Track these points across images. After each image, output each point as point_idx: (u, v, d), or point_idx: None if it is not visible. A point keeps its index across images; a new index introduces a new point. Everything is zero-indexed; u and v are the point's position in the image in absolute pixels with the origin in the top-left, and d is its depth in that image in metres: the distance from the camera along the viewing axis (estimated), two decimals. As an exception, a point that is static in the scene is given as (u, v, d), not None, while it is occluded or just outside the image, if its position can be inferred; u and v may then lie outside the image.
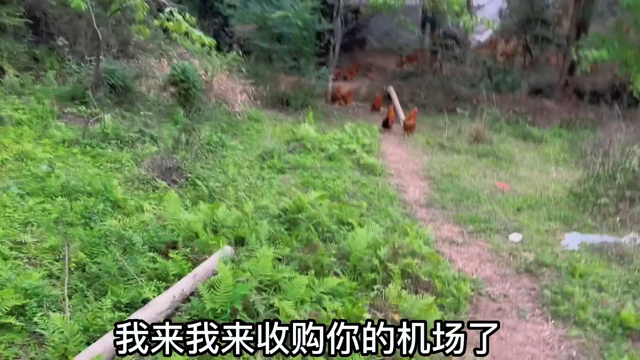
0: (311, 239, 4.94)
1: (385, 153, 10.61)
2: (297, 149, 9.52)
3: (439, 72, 17.56)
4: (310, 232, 5.18)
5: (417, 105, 15.93)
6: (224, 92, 12.27)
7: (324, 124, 12.87)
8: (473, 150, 11.10)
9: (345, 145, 9.73)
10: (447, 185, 8.58)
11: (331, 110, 14.57)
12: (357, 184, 8.06)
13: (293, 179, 7.87)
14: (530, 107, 15.13)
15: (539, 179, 9.61)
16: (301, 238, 5.11)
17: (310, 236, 5.02)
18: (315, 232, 5.36)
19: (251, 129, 11.12)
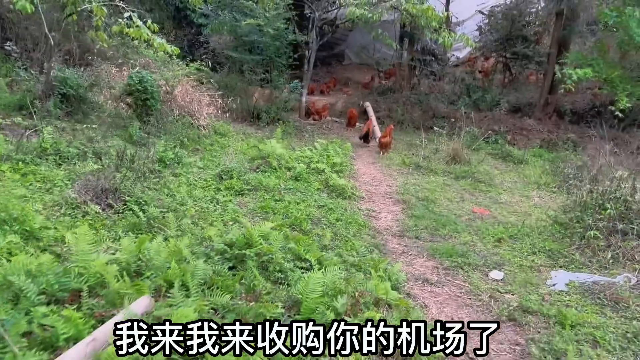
0: (255, 285, 4.03)
1: (357, 173, 9.76)
2: (262, 167, 8.63)
3: (417, 88, 16.86)
4: (258, 273, 4.28)
5: (394, 121, 15.19)
6: (189, 104, 11.37)
7: (295, 140, 12.02)
8: (450, 171, 10.31)
9: (314, 164, 8.86)
10: (422, 211, 7.75)
11: (304, 125, 13.72)
12: (323, 208, 7.19)
13: (252, 203, 6.96)
14: (510, 126, 14.45)
15: (520, 204, 8.84)
16: (246, 281, 4.21)
17: (254, 281, 4.11)
18: (265, 272, 4.47)
19: (215, 144, 10.21)
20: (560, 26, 14.81)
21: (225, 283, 4.04)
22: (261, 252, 4.67)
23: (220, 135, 11.11)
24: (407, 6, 11.31)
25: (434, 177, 9.95)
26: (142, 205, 5.72)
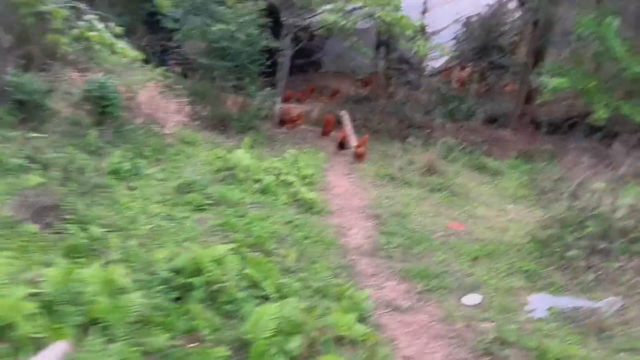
0: (197, 326, 3.48)
1: (329, 185, 9.26)
2: (227, 179, 8.07)
3: (394, 98, 16.45)
4: (204, 307, 3.74)
5: (369, 131, 14.71)
6: (155, 111, 10.76)
7: (266, 150, 11.47)
8: (426, 183, 9.87)
9: (283, 175, 8.33)
10: (395, 227, 7.27)
11: (277, 134, 13.18)
12: (290, 225, 6.66)
13: (213, 219, 6.40)
14: (486, 137, 14.10)
15: (496, 218, 8.43)
16: (190, 316, 3.66)
17: (198, 318, 3.56)
18: (214, 304, 3.93)
19: (181, 153, 9.61)
20: (537, 36, 14.55)
21: (165, 320, 3.49)
22: (212, 280, 4.12)
23: (187, 144, 10.51)
24: (381, 14, 10.87)
25: (408, 189, 9.49)
26: (85, 224, 5.13)
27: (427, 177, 10.31)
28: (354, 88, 18.24)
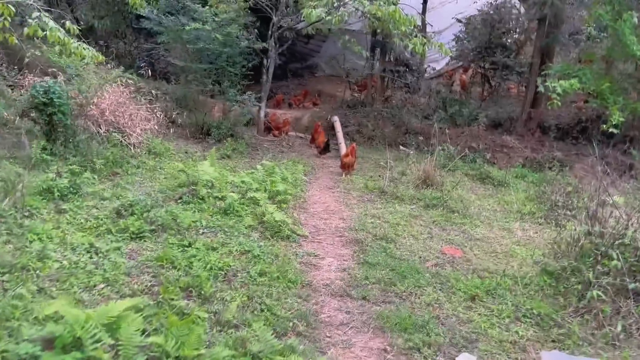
0: None
1: (308, 201, 7.97)
2: (186, 197, 6.83)
3: (390, 102, 15.16)
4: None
5: (363, 137, 13.49)
6: (120, 119, 9.56)
7: (246, 160, 10.23)
8: (420, 197, 8.56)
9: (252, 192, 7.06)
10: (379, 255, 5.98)
11: (261, 142, 11.94)
12: (246, 256, 5.39)
13: (149, 251, 5.15)
14: (489, 143, 12.78)
15: (500, 240, 7.11)
16: None
17: None
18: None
19: (142, 167, 8.39)
20: (543, 34, 13.20)
21: None
22: (93, 358, 2.86)
23: (154, 155, 9.30)
24: (370, 8, 9.59)
25: (399, 205, 8.19)
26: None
27: (422, 190, 9.01)
28: (350, 92, 16.96)
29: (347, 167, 9.88)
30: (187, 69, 11.19)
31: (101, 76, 8.80)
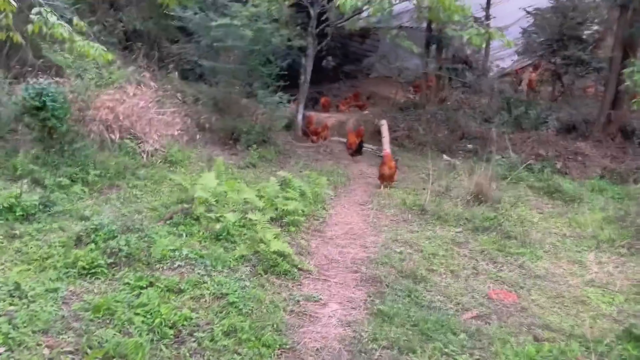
0: None
1: (329, 222, 6.56)
2: (177, 216, 5.62)
3: (445, 103, 13.43)
4: None
5: (413, 143, 11.93)
6: (136, 124, 8.58)
7: (273, 170, 8.95)
8: (468, 217, 6.93)
9: (254, 213, 5.73)
10: (400, 302, 4.49)
11: (296, 148, 10.64)
12: (219, 303, 4.07)
13: (91, 295, 3.93)
14: (560, 150, 10.80)
15: (568, 279, 5.41)
16: None
17: None
18: None
19: (150, 179, 7.29)
20: (626, 23, 11.07)
21: None
22: None
23: (171, 164, 8.22)
24: (415, -6, 8.09)
25: (441, 228, 6.61)
26: None
27: (472, 208, 7.37)
28: (402, 93, 15.37)
29: (386, 179, 8.39)
30: (217, 70, 10.07)
31: (106, 77, 7.79)
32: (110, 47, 11.68)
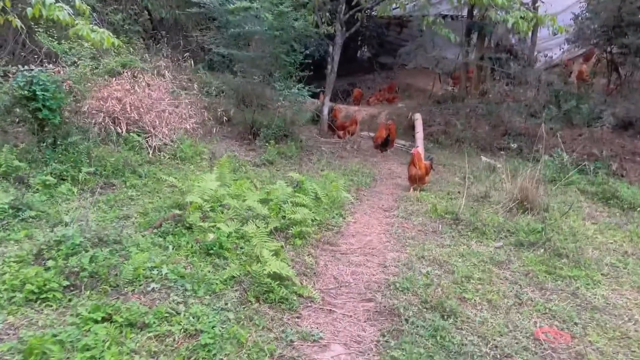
0: None
1: (345, 232, 5.59)
2: (168, 224, 4.80)
3: (487, 96, 12.18)
4: None
5: (450, 139, 10.79)
6: (144, 116, 7.85)
7: (292, 168, 8.06)
8: (511, 229, 5.85)
9: (260, 222, 4.84)
10: (422, 345, 3.51)
11: (321, 144, 9.71)
12: (190, 344, 3.20)
13: (32, 330, 3.13)
14: (617, 150, 9.49)
15: (634, 313, 4.29)
16: None
17: None
18: None
19: (152, 177, 6.52)
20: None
21: None
22: None
23: (180, 160, 7.44)
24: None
25: (477, 242, 5.56)
26: None
27: (515, 218, 6.28)
28: (441, 85, 14.19)
29: (415, 181, 7.36)
30: (236, 58, 9.21)
31: (107, 65, 7.03)
32: (135, 35, 11.06)
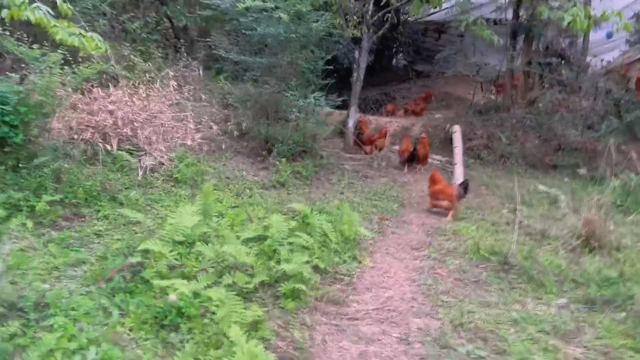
0: None
1: (358, 284, 4.22)
2: (120, 278, 3.59)
3: (536, 106, 10.57)
4: None
5: (494, 155, 9.29)
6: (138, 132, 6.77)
7: (306, 190, 6.78)
8: (577, 278, 4.37)
9: (241, 275, 3.57)
10: None
11: (343, 161, 8.38)
12: None
13: None
14: (698, 169, 7.79)
15: None
16: None
17: None
18: None
19: (133, 206, 5.36)
20: None
21: None
22: None
23: (175, 182, 6.29)
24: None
25: (534, 299, 4.11)
26: None
27: (580, 260, 4.79)
28: (483, 94, 12.63)
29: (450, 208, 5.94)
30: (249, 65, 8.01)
31: (79, 73, 5.93)
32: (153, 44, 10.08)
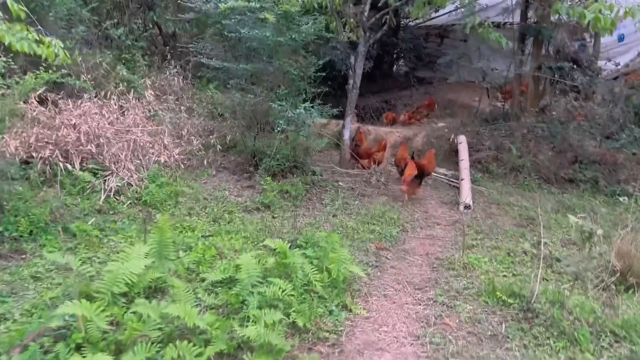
0: None
1: (347, 344, 3.31)
2: (37, 344, 2.73)
3: (548, 114, 9.66)
4: None
5: (504, 167, 8.38)
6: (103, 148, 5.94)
7: (294, 212, 5.91)
8: (616, 330, 3.48)
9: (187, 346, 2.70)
10: None
11: (339, 177, 7.50)
12: None
13: None
14: None
15: None
16: None
17: None
18: None
19: (86, 238, 4.50)
20: None
21: None
22: None
23: (144, 206, 5.44)
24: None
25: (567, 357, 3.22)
26: None
27: (616, 300, 3.89)
28: (489, 101, 11.77)
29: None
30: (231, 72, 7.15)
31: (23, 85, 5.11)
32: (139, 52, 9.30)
